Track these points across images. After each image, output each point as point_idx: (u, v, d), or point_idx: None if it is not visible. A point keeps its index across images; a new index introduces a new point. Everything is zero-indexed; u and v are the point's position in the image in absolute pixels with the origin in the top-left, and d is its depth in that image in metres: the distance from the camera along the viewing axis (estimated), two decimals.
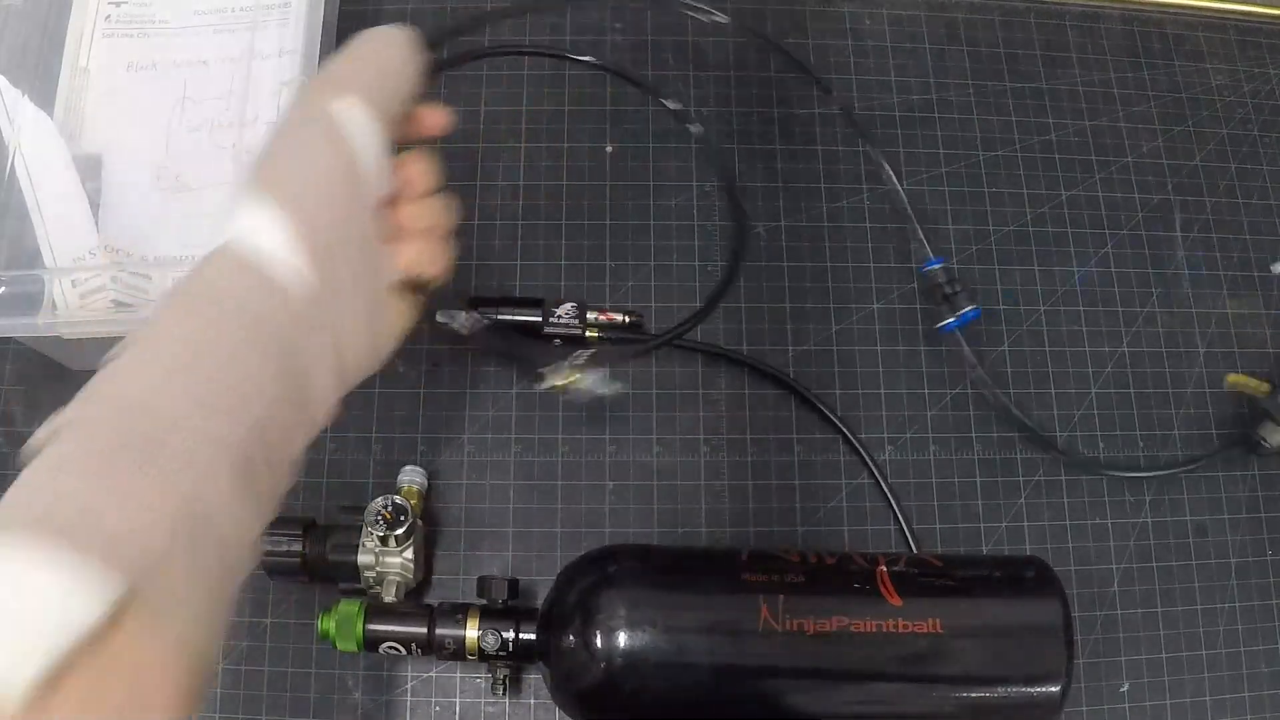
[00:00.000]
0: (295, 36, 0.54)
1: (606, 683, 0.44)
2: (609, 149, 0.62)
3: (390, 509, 0.49)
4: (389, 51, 0.40)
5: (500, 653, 0.47)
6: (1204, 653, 0.54)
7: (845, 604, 0.44)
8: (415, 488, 0.53)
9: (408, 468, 0.53)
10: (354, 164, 0.37)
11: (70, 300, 0.49)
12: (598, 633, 0.44)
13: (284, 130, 0.38)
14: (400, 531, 0.49)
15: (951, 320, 0.56)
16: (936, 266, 0.56)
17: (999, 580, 0.47)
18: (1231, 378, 0.58)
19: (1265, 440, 0.56)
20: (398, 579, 0.49)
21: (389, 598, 0.48)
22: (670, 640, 0.44)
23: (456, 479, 0.55)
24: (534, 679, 0.52)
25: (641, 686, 0.44)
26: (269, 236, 0.35)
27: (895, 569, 0.45)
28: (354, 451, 0.55)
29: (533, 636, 0.47)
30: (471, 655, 0.47)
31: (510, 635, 0.47)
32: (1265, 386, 0.56)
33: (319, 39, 0.54)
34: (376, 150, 0.38)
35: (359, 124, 0.37)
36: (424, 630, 0.47)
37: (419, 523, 0.50)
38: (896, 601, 0.43)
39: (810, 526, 0.55)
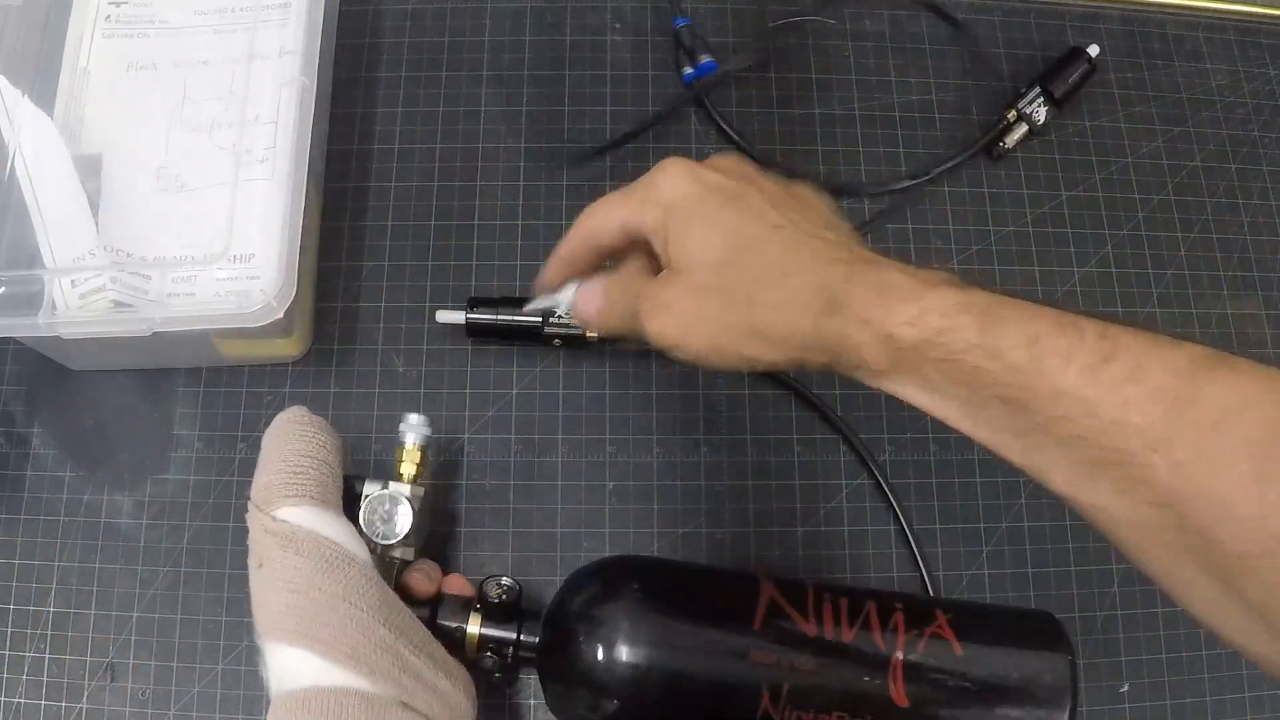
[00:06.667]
0: (295, 36, 0.54)
1: (600, 709, 0.43)
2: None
3: (388, 505, 0.46)
4: (301, 434, 0.44)
5: (500, 651, 0.46)
6: (1204, 653, 0.54)
7: (848, 700, 0.42)
8: (417, 446, 0.48)
9: (412, 416, 0.49)
10: (345, 569, 0.41)
11: (70, 300, 0.49)
12: (596, 667, 0.42)
13: (273, 568, 0.41)
14: (400, 535, 0.46)
15: (690, 71, 0.62)
16: (684, 25, 0.62)
17: (1016, 688, 0.43)
18: None
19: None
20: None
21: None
22: (668, 701, 0.43)
23: (456, 479, 0.55)
24: (533, 680, 0.52)
25: None
26: (325, 678, 0.40)
27: (912, 658, 0.42)
28: (353, 452, 0.55)
29: (535, 639, 0.46)
30: (470, 649, 0.46)
31: (512, 636, 0.46)
32: None
33: (319, 39, 0.54)
34: (350, 539, 0.43)
35: (324, 526, 0.42)
36: (426, 614, 0.46)
37: (424, 490, 0.48)
38: (903, 703, 0.42)
39: (810, 526, 0.55)
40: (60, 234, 0.50)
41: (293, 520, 0.41)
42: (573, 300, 0.43)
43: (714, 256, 0.37)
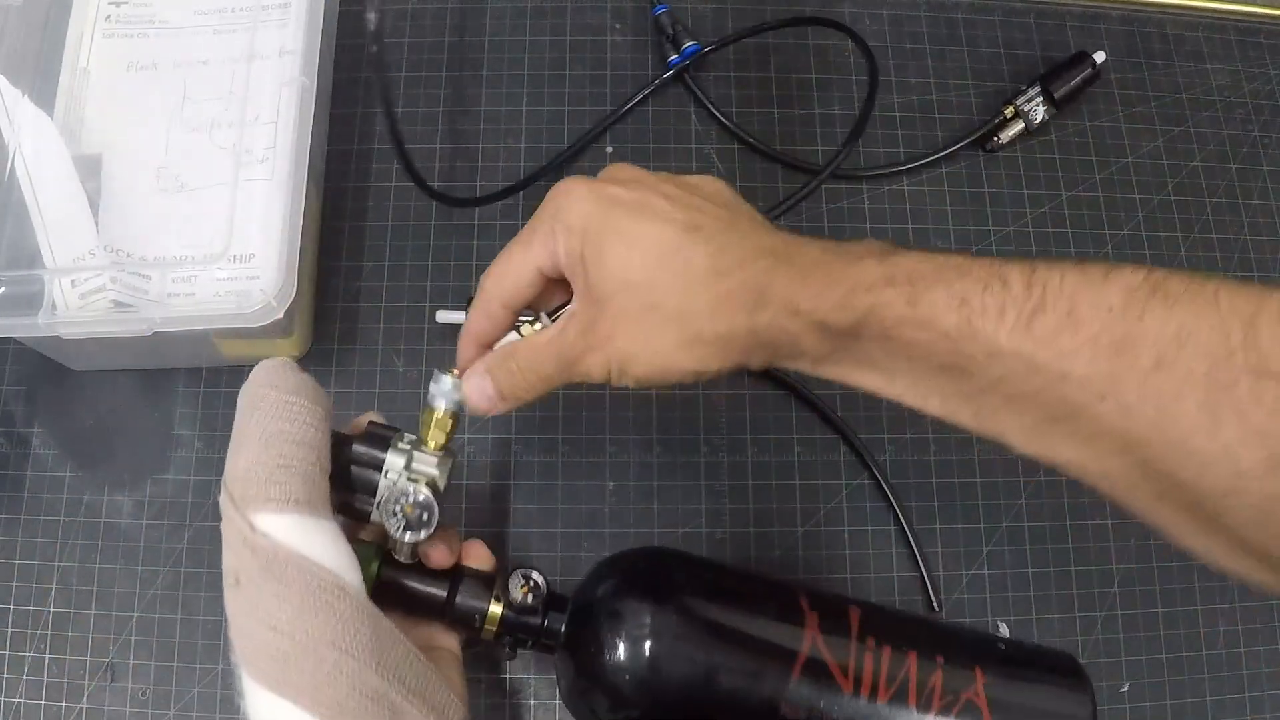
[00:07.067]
0: (295, 36, 0.54)
1: (616, 715, 0.43)
2: (609, 150, 0.62)
3: (411, 500, 0.40)
4: (285, 407, 0.37)
5: (520, 640, 0.44)
6: (1204, 653, 0.54)
7: None
8: (449, 413, 0.42)
9: (445, 378, 0.42)
10: (335, 604, 0.36)
11: (70, 300, 0.49)
12: (623, 675, 0.42)
13: (253, 594, 0.35)
14: (424, 536, 0.40)
15: (675, 57, 0.62)
16: (663, 11, 0.63)
17: None
18: None
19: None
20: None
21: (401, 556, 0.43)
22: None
23: (456, 479, 0.55)
24: (533, 680, 0.52)
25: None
26: None
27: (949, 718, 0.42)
28: None
29: (560, 627, 0.44)
30: (489, 630, 0.43)
31: (536, 623, 0.44)
32: None
33: (319, 39, 0.54)
34: (342, 556, 0.37)
35: (311, 543, 0.36)
36: (443, 594, 0.43)
37: (452, 461, 0.42)
38: None
39: (810, 526, 0.55)
40: (60, 234, 0.50)
41: (276, 534, 0.36)
42: (463, 396, 0.41)
43: (638, 275, 0.36)
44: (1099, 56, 0.62)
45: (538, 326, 0.40)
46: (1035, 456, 0.34)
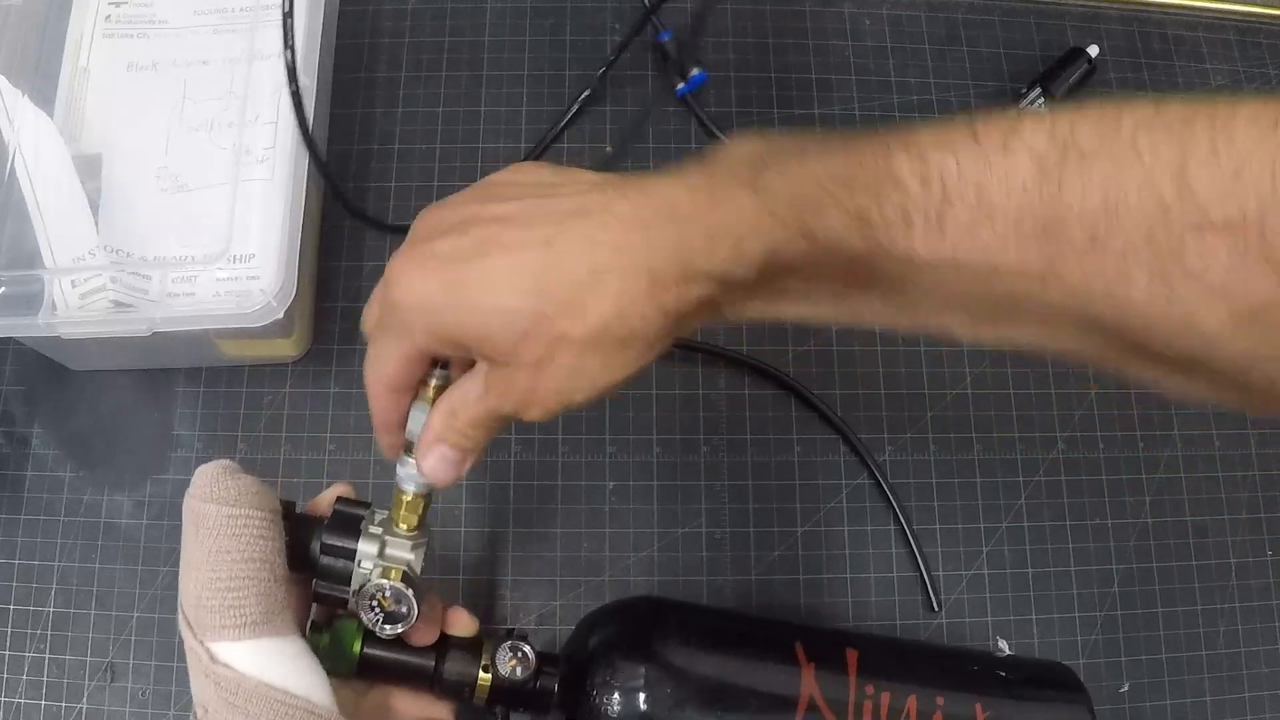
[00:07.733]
0: (295, 36, 0.54)
1: None
2: (609, 150, 0.62)
3: (389, 595, 0.38)
4: (228, 522, 0.35)
5: (512, 705, 0.43)
6: (1204, 653, 0.54)
7: None
8: (419, 495, 0.40)
9: (411, 461, 0.38)
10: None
11: (70, 300, 0.49)
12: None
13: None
14: (403, 629, 0.39)
15: (683, 85, 0.61)
16: (667, 39, 0.62)
17: None
18: None
19: None
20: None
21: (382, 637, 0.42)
22: None
23: None
24: None
25: None
26: None
27: None
28: (354, 452, 0.55)
29: (553, 687, 0.42)
30: (479, 699, 0.42)
31: (528, 687, 0.42)
32: None
33: (319, 39, 0.54)
34: (309, 675, 0.35)
35: (275, 669, 0.35)
36: (429, 664, 0.41)
37: (427, 541, 0.41)
38: None
39: (810, 526, 0.55)
40: (60, 234, 0.50)
41: (236, 663, 0.34)
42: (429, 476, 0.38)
43: (523, 321, 0.31)
44: (1092, 50, 0.62)
45: (433, 383, 0.37)
46: (988, 345, 0.31)
